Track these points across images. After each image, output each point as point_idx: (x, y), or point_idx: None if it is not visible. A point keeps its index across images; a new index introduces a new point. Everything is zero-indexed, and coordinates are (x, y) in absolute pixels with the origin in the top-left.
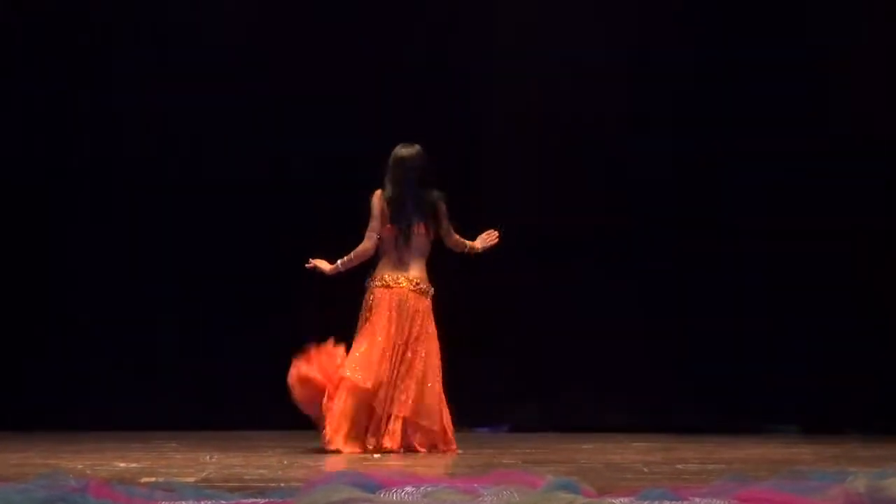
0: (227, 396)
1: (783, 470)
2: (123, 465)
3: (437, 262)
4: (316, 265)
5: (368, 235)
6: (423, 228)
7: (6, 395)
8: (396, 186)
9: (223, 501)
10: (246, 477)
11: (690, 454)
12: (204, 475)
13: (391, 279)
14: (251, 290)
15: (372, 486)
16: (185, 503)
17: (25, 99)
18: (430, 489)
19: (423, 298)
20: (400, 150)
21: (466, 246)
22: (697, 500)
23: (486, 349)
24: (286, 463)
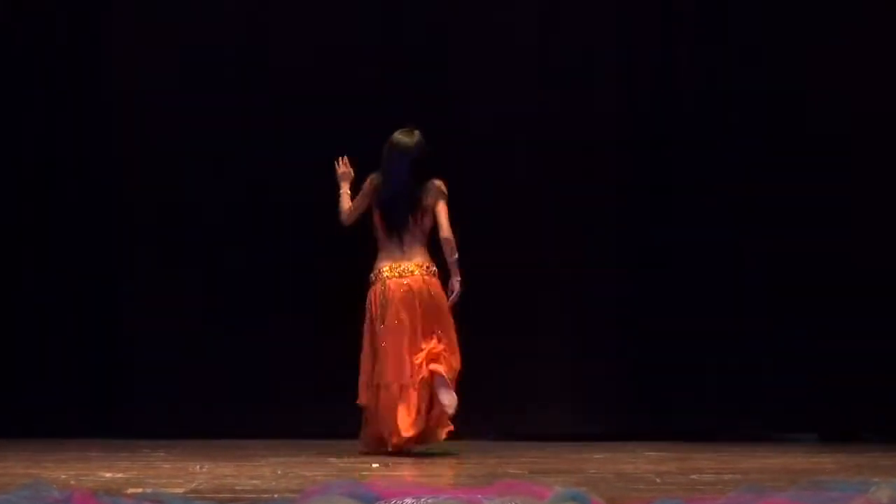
0: (218, 403)
1: (803, 480)
2: (109, 475)
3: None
4: (342, 167)
5: (350, 207)
6: (417, 220)
7: None
8: (387, 177)
9: None
10: (238, 488)
11: (705, 464)
12: (194, 486)
13: (389, 271)
14: (244, 292)
15: (370, 497)
16: None
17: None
18: (430, 501)
19: (429, 280)
20: (395, 136)
21: (450, 257)
22: None
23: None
24: (280, 473)
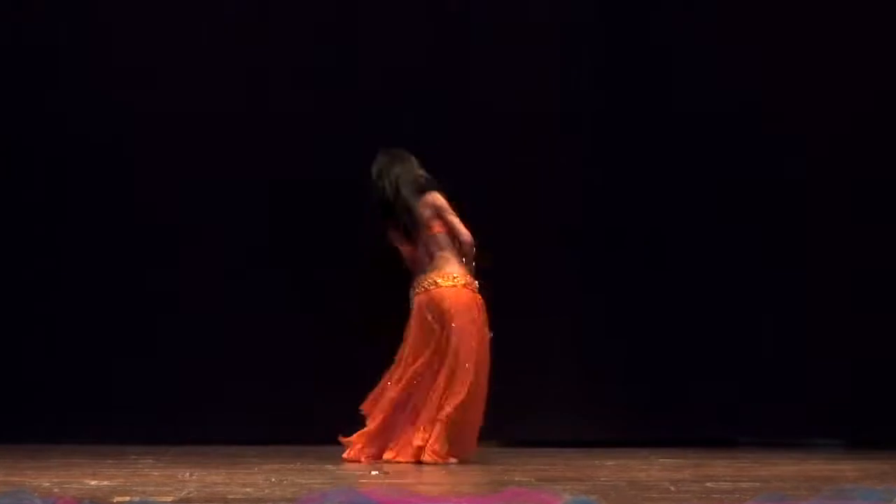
0: (207, 408)
1: (825, 488)
2: (95, 482)
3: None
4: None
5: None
6: (430, 231)
7: None
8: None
9: None
10: (229, 496)
11: (722, 471)
12: (183, 494)
13: (421, 284)
14: (236, 293)
15: None
16: None
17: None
18: None
19: (462, 291)
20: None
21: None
22: None
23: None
24: (274, 480)
